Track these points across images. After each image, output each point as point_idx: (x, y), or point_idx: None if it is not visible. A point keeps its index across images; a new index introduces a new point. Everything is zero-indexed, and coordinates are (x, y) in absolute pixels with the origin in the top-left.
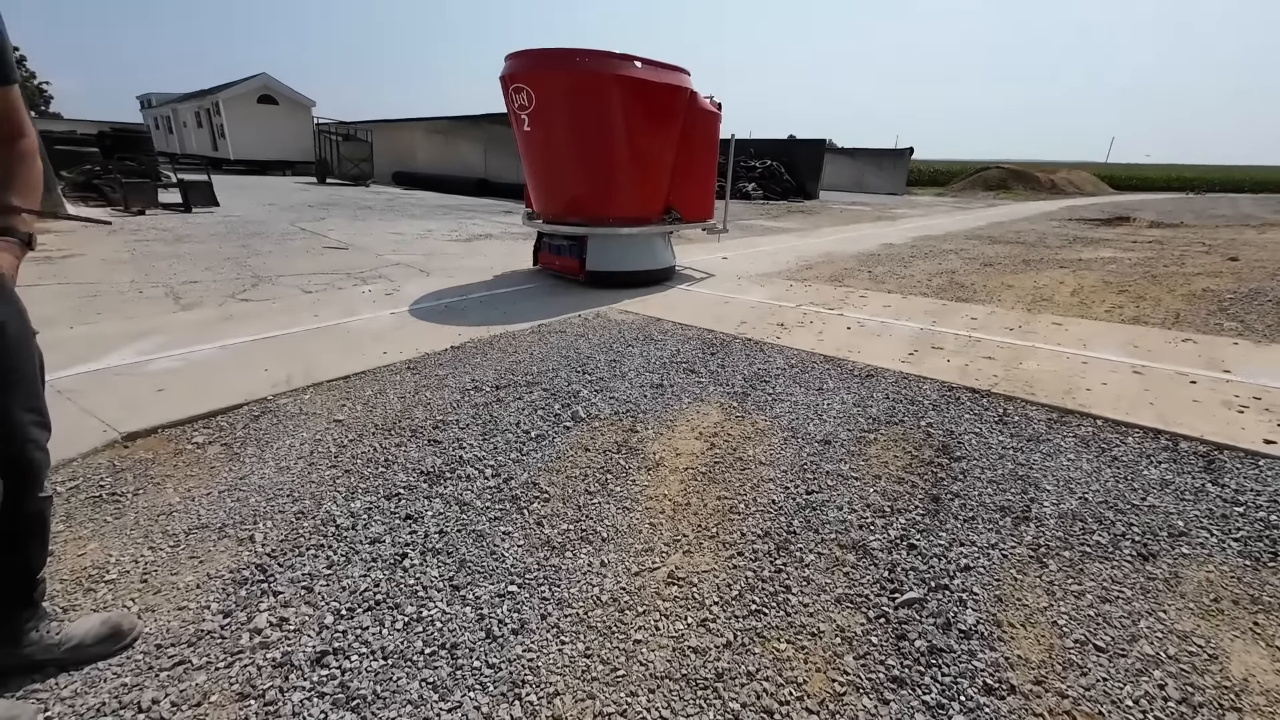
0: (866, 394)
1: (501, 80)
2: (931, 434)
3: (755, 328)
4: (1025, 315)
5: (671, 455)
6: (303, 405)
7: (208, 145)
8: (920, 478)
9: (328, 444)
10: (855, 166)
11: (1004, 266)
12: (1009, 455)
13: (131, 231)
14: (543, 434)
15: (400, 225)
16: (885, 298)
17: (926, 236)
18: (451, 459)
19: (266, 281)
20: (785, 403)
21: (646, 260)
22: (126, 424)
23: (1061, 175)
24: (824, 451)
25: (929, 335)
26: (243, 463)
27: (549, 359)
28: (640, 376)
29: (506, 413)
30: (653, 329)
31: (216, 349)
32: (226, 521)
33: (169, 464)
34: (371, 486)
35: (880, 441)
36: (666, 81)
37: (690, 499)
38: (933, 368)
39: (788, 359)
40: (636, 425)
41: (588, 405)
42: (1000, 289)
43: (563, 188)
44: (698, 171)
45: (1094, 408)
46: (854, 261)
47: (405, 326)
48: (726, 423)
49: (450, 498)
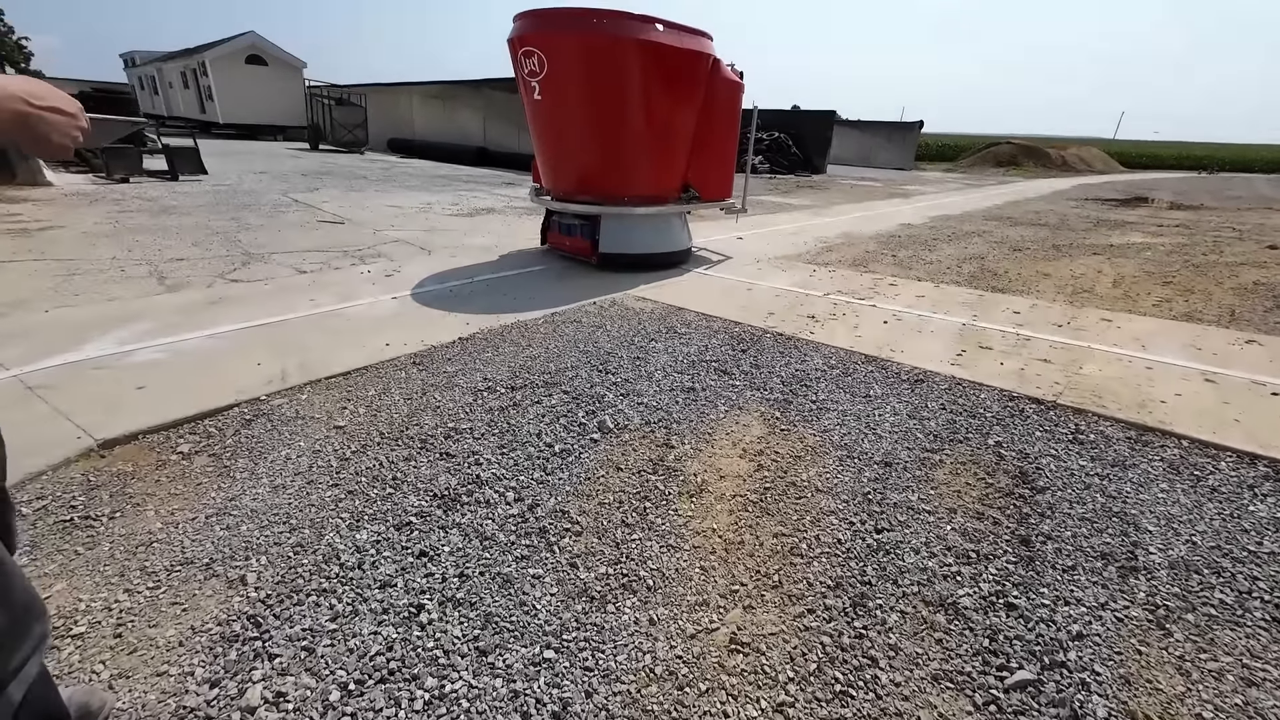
0: (920, 403)
1: (510, 43)
2: (1004, 457)
3: (785, 320)
4: (1070, 309)
5: (715, 478)
6: (299, 407)
7: (195, 108)
8: (1002, 512)
9: (328, 456)
10: (863, 140)
11: (1033, 252)
12: (1096, 485)
13: (114, 201)
14: (568, 448)
15: (398, 197)
16: (917, 286)
17: (944, 216)
18: (467, 478)
19: (258, 260)
20: (832, 413)
21: (663, 242)
22: (104, 429)
23: (1072, 152)
24: (886, 476)
25: (973, 332)
26: (233, 479)
27: (566, 354)
28: (668, 378)
29: (525, 420)
30: (675, 320)
31: (204, 338)
32: (215, 556)
33: (150, 479)
34: (379, 512)
35: (947, 465)
36: (689, 47)
37: (743, 535)
38: (987, 372)
39: (826, 358)
40: (671, 439)
41: (615, 413)
42: (1036, 278)
43: (575, 162)
44: (718, 147)
45: (1175, 425)
46: (875, 244)
47: (408, 313)
48: (771, 437)
49: (469, 529)
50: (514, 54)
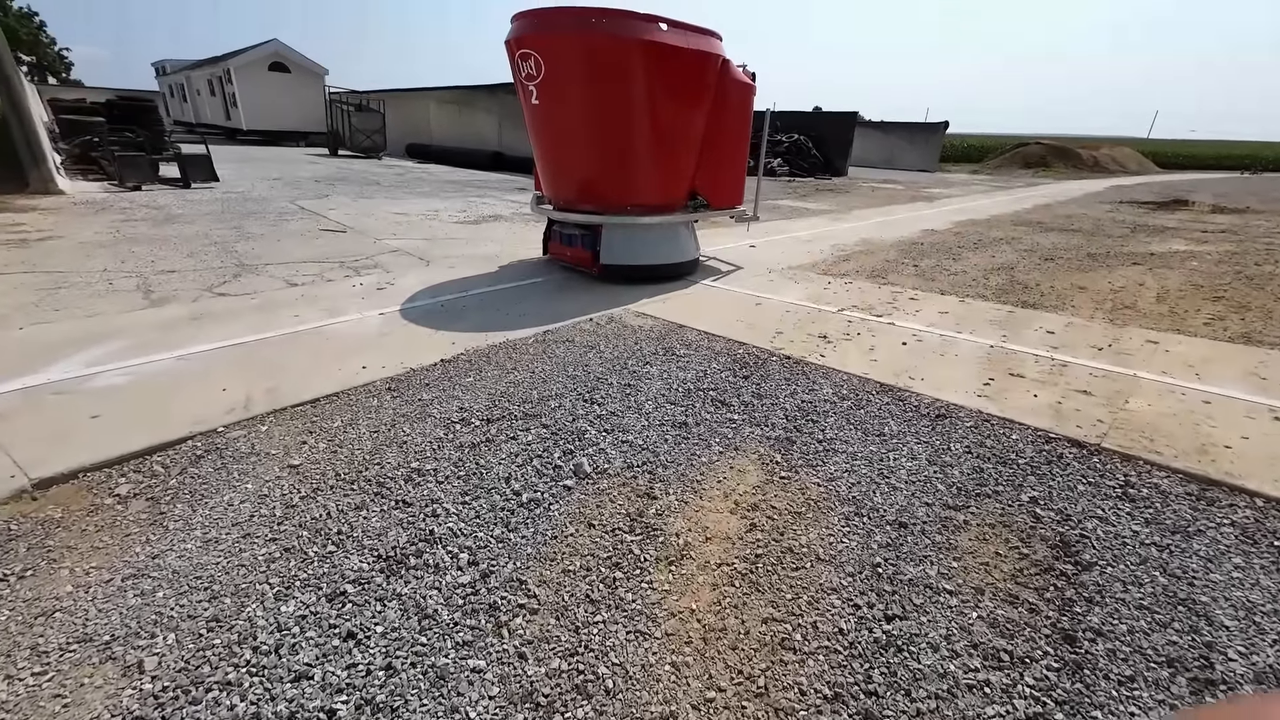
0: (941, 445)
1: (507, 45)
2: (1040, 517)
3: (794, 340)
4: (1111, 329)
5: (700, 539)
6: (256, 441)
7: (221, 114)
8: (1040, 595)
9: (274, 503)
10: (886, 141)
11: (1067, 261)
12: (1154, 560)
13: (121, 210)
14: (537, 497)
15: (406, 204)
16: (940, 301)
17: (970, 221)
18: (420, 534)
19: (250, 271)
20: (840, 455)
21: (667, 253)
22: (42, 465)
23: (1104, 152)
24: (899, 541)
25: (1002, 356)
26: (165, 529)
27: (552, 380)
28: (659, 410)
29: (495, 461)
30: (674, 340)
31: (174, 360)
32: (119, 631)
33: (77, 528)
34: (314, 577)
35: (973, 527)
36: (696, 47)
37: (727, 618)
38: (1018, 405)
39: (836, 387)
40: (654, 486)
41: (595, 453)
42: (1071, 291)
43: (575, 170)
44: (728, 152)
45: (1245, 478)
46: (895, 252)
47: (393, 331)
48: (769, 486)
49: (409, 602)
50: (511, 57)
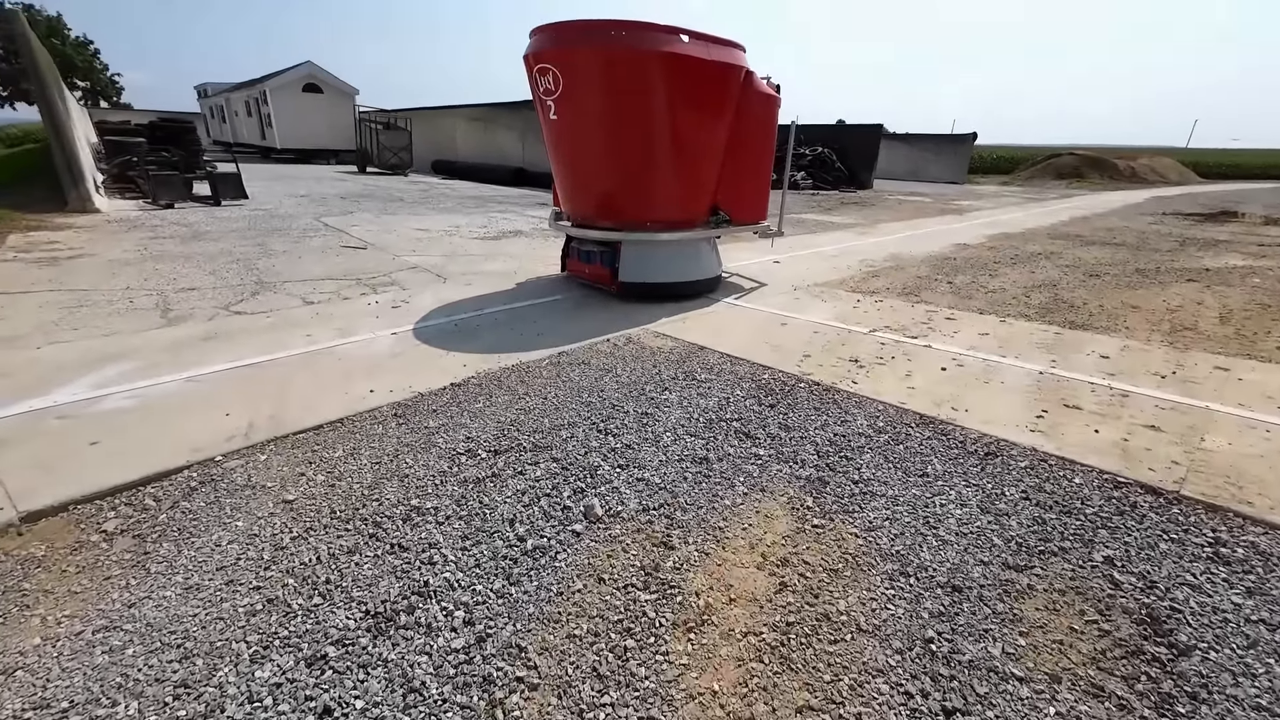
0: (994, 488)
1: (525, 60)
2: (1119, 583)
3: (823, 364)
4: (1172, 353)
5: (723, 600)
6: (253, 473)
7: (257, 134)
8: (1130, 687)
9: (263, 544)
10: (911, 153)
11: (1114, 278)
12: (1265, 643)
13: (152, 228)
14: (543, 544)
15: (428, 220)
16: (979, 321)
17: (1004, 235)
18: (413, 586)
19: (269, 289)
20: (879, 499)
21: (688, 270)
22: (34, 497)
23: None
24: (955, 610)
25: (1054, 384)
26: (147, 572)
27: (565, 407)
28: (678, 443)
29: (500, 499)
30: (695, 363)
31: (182, 382)
32: (77, 698)
33: (57, 569)
34: (295, 634)
35: (1039, 593)
36: (719, 59)
37: (755, 705)
38: (1078, 442)
39: (871, 418)
40: (672, 533)
41: (608, 492)
42: (1122, 311)
43: (594, 185)
44: (751, 166)
45: None
46: (927, 267)
47: (405, 353)
48: (800, 536)
49: (395, 670)
50: (529, 72)
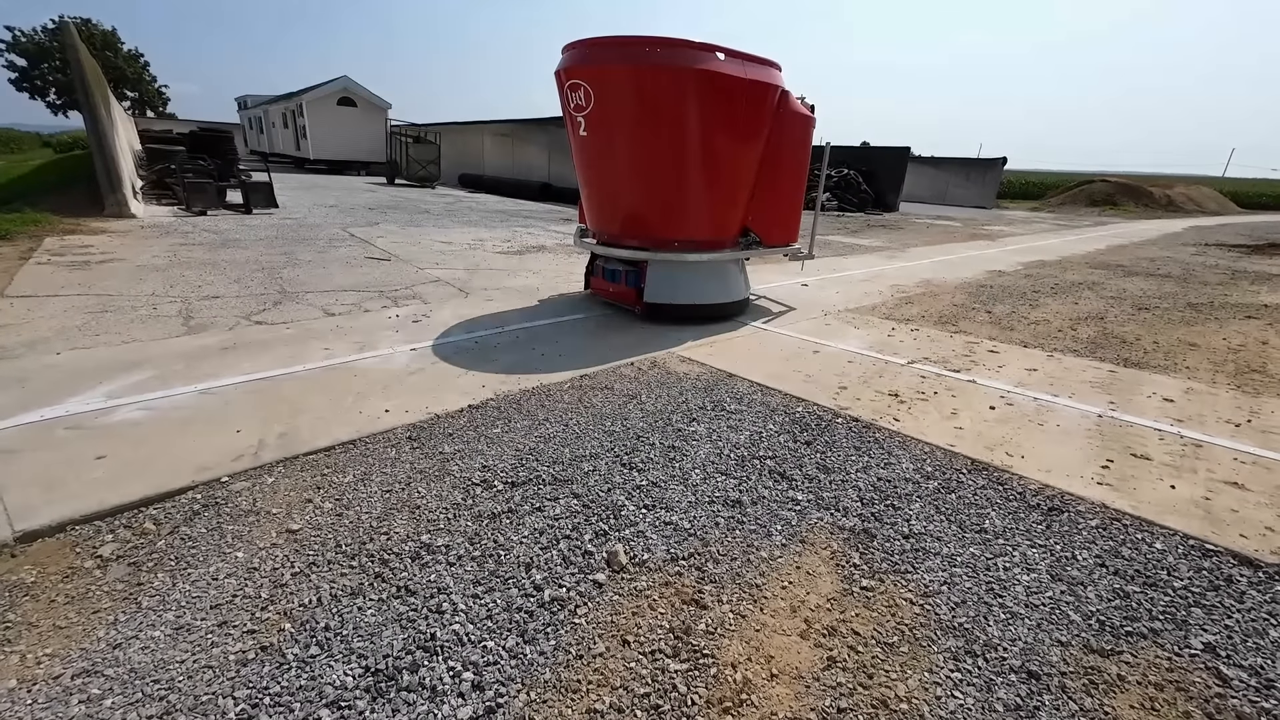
0: (1064, 550)
1: (556, 76)
2: (1227, 679)
3: (861, 398)
4: (1243, 398)
5: (763, 674)
6: (258, 497)
7: (292, 145)
8: None
9: (262, 579)
10: (939, 177)
11: (1164, 312)
12: None
13: (183, 234)
14: (562, 594)
15: (453, 233)
16: (1025, 355)
17: (1039, 262)
18: (419, 639)
19: (291, 299)
20: (933, 557)
21: (716, 292)
22: (31, 516)
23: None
24: (1033, 701)
25: (1116, 429)
26: (138, 606)
27: (587, 436)
28: (708, 481)
29: (517, 539)
30: (724, 391)
31: (196, 394)
32: None
33: (45, 599)
34: (287, 692)
35: (1133, 685)
36: (755, 78)
37: None
38: (1154, 500)
39: (918, 461)
40: (704, 589)
41: (632, 536)
42: (1180, 349)
43: (621, 203)
44: (784, 187)
45: None
46: (963, 295)
47: (422, 370)
48: (847, 599)
49: None
50: (560, 87)
